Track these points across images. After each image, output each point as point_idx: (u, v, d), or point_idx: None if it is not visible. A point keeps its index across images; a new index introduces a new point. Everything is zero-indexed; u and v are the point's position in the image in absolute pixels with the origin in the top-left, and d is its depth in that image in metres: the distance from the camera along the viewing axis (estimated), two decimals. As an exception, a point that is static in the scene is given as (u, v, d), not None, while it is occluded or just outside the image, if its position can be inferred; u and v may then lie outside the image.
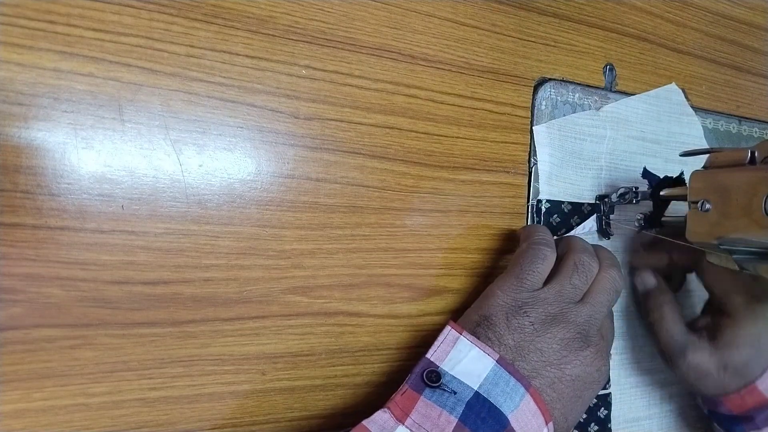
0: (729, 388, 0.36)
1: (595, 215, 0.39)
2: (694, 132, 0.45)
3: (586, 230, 0.38)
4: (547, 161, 0.38)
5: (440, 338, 0.30)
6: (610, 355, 0.34)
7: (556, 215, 0.38)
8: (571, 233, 0.38)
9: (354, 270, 0.32)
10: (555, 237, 0.37)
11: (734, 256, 0.30)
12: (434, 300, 0.35)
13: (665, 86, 0.44)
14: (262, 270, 0.30)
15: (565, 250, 0.34)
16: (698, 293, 0.44)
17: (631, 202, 0.37)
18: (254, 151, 0.30)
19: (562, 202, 0.38)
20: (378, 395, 0.34)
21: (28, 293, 0.25)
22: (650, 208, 0.37)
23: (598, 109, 0.40)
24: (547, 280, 0.33)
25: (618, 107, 0.41)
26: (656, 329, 0.38)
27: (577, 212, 0.39)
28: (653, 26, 0.44)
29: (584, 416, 0.39)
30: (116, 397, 0.27)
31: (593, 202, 0.39)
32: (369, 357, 0.33)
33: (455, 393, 0.28)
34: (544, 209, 0.37)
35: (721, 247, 0.30)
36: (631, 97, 0.42)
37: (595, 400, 0.39)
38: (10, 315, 0.25)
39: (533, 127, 0.38)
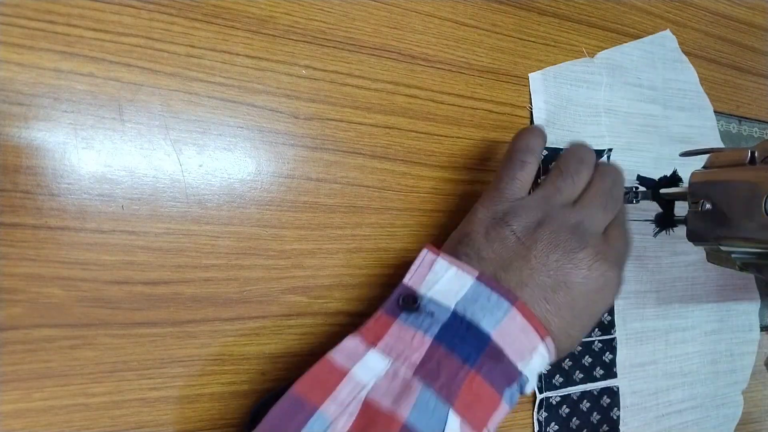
0: None
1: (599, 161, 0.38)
2: (689, 78, 0.45)
3: None
4: (543, 108, 0.37)
5: (417, 262, 0.28)
6: (622, 267, 0.30)
7: (553, 163, 0.38)
8: None
9: (354, 270, 0.32)
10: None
11: (734, 256, 0.30)
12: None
13: (659, 33, 0.44)
14: (262, 270, 0.30)
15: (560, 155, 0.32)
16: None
17: (630, 202, 0.37)
18: (254, 151, 0.30)
19: (561, 150, 0.37)
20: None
21: (29, 293, 0.25)
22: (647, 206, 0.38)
23: (592, 56, 0.40)
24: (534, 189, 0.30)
25: (613, 54, 0.41)
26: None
27: None
28: (653, 26, 0.44)
29: (590, 360, 0.39)
30: (116, 397, 0.27)
31: (596, 149, 0.38)
32: (369, 357, 0.33)
33: (432, 314, 0.26)
34: (542, 157, 0.37)
35: (721, 247, 0.30)
36: (626, 44, 0.42)
37: (600, 345, 0.39)
38: (10, 315, 0.25)
39: (529, 74, 0.37)
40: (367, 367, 0.25)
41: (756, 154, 0.29)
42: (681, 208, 0.35)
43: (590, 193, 0.30)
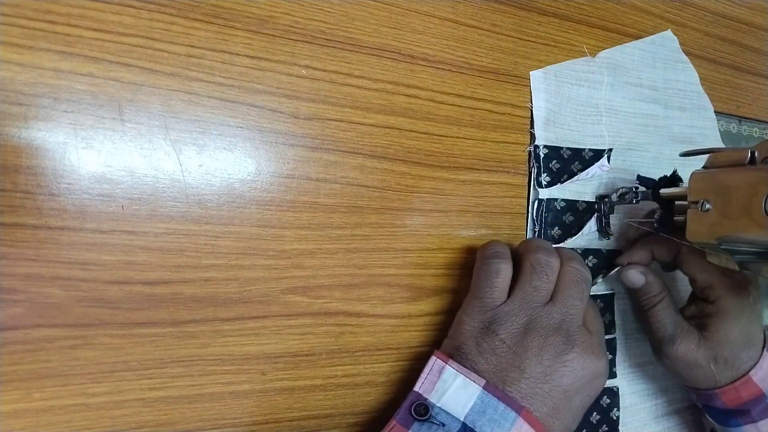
0: (722, 380, 0.35)
1: (598, 162, 0.39)
2: (690, 79, 0.45)
3: (590, 176, 0.38)
4: (543, 107, 0.38)
5: (426, 369, 0.30)
6: (604, 345, 0.32)
7: (555, 161, 0.38)
8: (575, 179, 0.38)
9: (354, 270, 0.32)
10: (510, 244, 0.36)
11: (734, 256, 0.30)
12: (434, 300, 0.35)
13: (660, 33, 0.44)
14: (262, 270, 0.30)
15: (521, 253, 0.33)
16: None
17: (631, 202, 0.37)
18: (254, 151, 0.30)
19: (561, 148, 0.38)
20: (378, 395, 0.34)
21: (28, 293, 0.25)
22: (648, 206, 0.38)
23: (593, 56, 0.40)
24: (510, 292, 0.31)
25: (614, 53, 0.41)
26: (648, 320, 0.37)
27: (578, 158, 0.39)
28: (653, 26, 0.44)
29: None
30: (116, 397, 0.27)
31: (595, 148, 0.39)
32: (369, 357, 0.33)
33: (443, 425, 0.28)
34: (542, 155, 0.37)
35: (721, 247, 0.30)
36: (627, 43, 0.42)
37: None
38: (10, 315, 0.25)
39: (530, 72, 0.37)
40: None
41: (756, 154, 0.29)
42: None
43: (565, 287, 0.31)
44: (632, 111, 0.41)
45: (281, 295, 0.30)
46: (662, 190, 0.35)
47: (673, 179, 0.36)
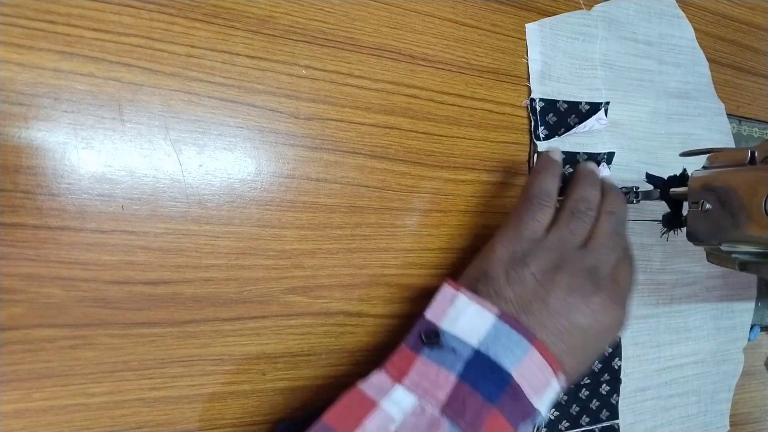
0: None
1: (595, 115, 0.38)
2: (685, 34, 0.45)
3: (587, 129, 0.38)
4: (539, 60, 0.38)
5: (437, 296, 0.29)
6: (628, 301, 0.32)
7: (551, 114, 0.38)
8: (572, 132, 0.38)
9: (354, 270, 0.32)
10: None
11: (734, 256, 0.30)
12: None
13: None
14: (262, 270, 0.30)
15: (568, 187, 0.33)
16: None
17: (631, 202, 0.37)
18: (254, 151, 0.30)
19: (557, 101, 0.38)
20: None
21: (29, 293, 0.25)
22: (647, 205, 0.37)
23: (589, 9, 0.40)
24: (548, 228, 0.31)
25: (609, 7, 0.41)
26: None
27: (575, 111, 0.39)
28: (653, 26, 0.44)
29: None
30: (116, 397, 0.27)
31: (591, 101, 0.39)
32: (369, 357, 0.33)
33: (455, 351, 0.27)
34: (538, 108, 0.37)
35: (722, 247, 0.30)
36: None
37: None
38: (10, 315, 0.25)
39: (526, 25, 0.38)
40: (395, 402, 0.26)
41: (756, 154, 0.29)
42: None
43: (600, 236, 0.31)
44: (627, 65, 0.41)
45: (281, 295, 0.30)
46: (672, 190, 0.35)
47: (683, 178, 0.35)
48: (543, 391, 0.27)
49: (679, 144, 0.44)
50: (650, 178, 0.37)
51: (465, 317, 0.28)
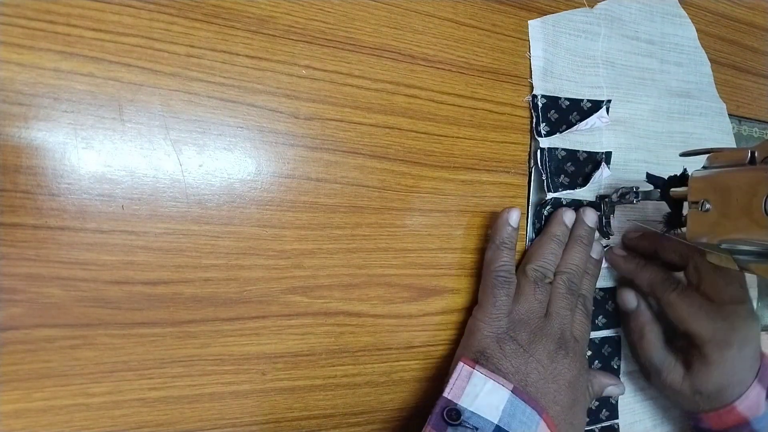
0: (706, 408, 0.37)
1: (597, 113, 0.39)
2: (687, 34, 0.45)
3: (588, 126, 0.38)
4: (541, 56, 0.38)
5: (454, 375, 0.31)
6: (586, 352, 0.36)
7: (553, 111, 0.38)
8: (573, 129, 0.38)
9: (354, 270, 0.32)
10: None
11: (734, 256, 0.30)
12: (434, 300, 0.35)
13: None
14: (262, 270, 0.30)
15: (523, 262, 0.36)
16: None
17: (631, 202, 0.37)
18: (254, 151, 0.30)
19: (559, 98, 0.38)
20: (378, 395, 0.34)
21: (28, 293, 0.25)
22: (645, 205, 0.37)
23: (591, 6, 0.40)
24: (516, 297, 0.34)
25: (611, 5, 0.41)
26: (636, 349, 0.39)
27: (576, 109, 0.39)
28: (653, 26, 0.44)
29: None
30: (116, 397, 0.27)
31: (593, 99, 0.39)
32: (369, 357, 0.33)
33: (477, 429, 0.29)
34: (540, 105, 0.38)
35: (722, 247, 0.30)
36: None
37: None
38: (10, 315, 0.25)
39: (528, 21, 0.38)
40: None
41: (756, 154, 0.29)
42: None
43: (555, 300, 0.34)
44: (629, 64, 0.42)
45: (281, 295, 0.30)
46: (672, 190, 0.35)
47: (683, 178, 0.35)
48: None
49: (681, 143, 0.44)
50: (650, 178, 0.36)
51: (483, 394, 0.30)
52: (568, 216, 0.37)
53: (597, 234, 0.39)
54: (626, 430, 0.41)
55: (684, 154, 0.35)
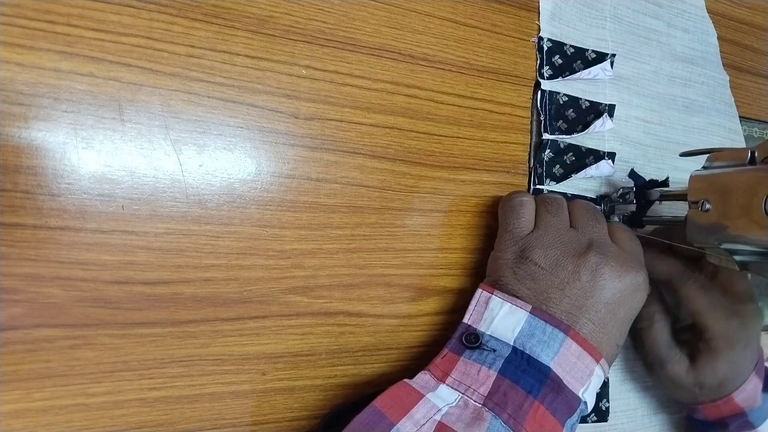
0: (704, 399, 0.37)
1: (601, 64, 0.39)
2: (695, 2, 0.45)
3: (591, 76, 0.39)
4: (550, 1, 0.38)
5: (473, 302, 0.31)
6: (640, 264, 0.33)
7: (558, 56, 0.38)
8: (576, 76, 0.38)
9: (354, 270, 0.32)
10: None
11: (734, 257, 0.30)
12: (434, 300, 0.35)
13: None
14: (262, 270, 0.30)
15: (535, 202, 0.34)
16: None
17: (631, 202, 0.37)
18: (254, 151, 0.30)
19: (565, 44, 0.39)
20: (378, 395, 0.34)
21: (29, 293, 0.25)
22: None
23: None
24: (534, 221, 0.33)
25: None
26: (642, 336, 0.38)
27: (581, 57, 0.39)
28: (653, 26, 0.44)
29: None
30: (116, 397, 0.27)
31: (598, 50, 0.39)
32: (369, 357, 0.33)
33: (494, 351, 0.28)
34: (545, 47, 0.38)
35: (722, 247, 0.30)
36: None
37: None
38: (10, 315, 0.25)
39: None
40: (439, 397, 0.27)
41: (756, 154, 0.29)
42: (682, 208, 0.35)
43: (579, 216, 0.33)
44: (635, 22, 0.42)
45: (281, 295, 0.30)
46: (665, 189, 0.35)
47: (662, 184, 0.36)
48: (586, 380, 0.28)
49: (683, 107, 0.44)
50: (633, 175, 0.37)
51: (500, 317, 0.29)
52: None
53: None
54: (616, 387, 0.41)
55: (684, 155, 0.35)
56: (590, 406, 0.29)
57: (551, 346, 0.28)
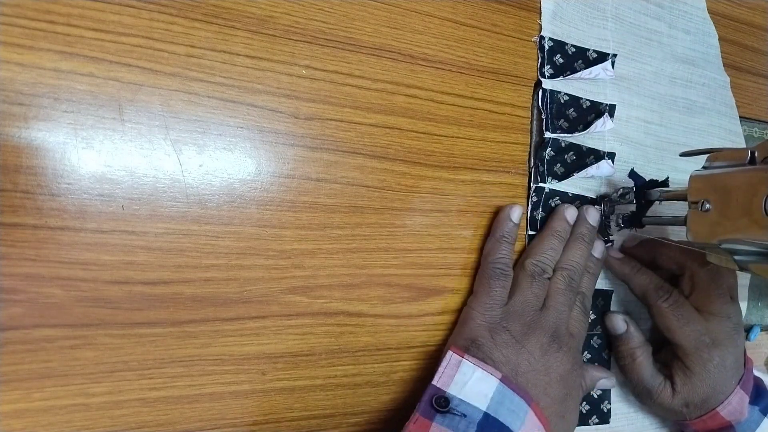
0: (692, 417, 0.38)
1: (602, 64, 0.39)
2: (697, 3, 0.45)
3: (592, 76, 0.39)
4: (552, 0, 0.39)
5: (443, 363, 0.31)
6: (581, 351, 0.36)
7: (559, 55, 0.38)
8: (577, 76, 0.38)
9: (354, 270, 0.32)
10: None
11: (734, 257, 0.30)
12: (434, 300, 0.35)
13: None
14: (262, 270, 0.30)
15: (523, 257, 0.36)
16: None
17: (631, 202, 0.37)
18: (254, 151, 0.30)
19: (566, 44, 0.39)
20: (378, 395, 0.34)
21: (29, 293, 0.25)
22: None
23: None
24: (512, 290, 0.34)
25: None
26: (626, 372, 0.39)
27: (582, 57, 0.39)
28: (653, 26, 0.44)
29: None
30: (116, 397, 0.27)
31: (599, 50, 0.40)
32: (369, 357, 0.33)
33: (465, 416, 0.29)
34: (546, 47, 0.38)
35: (722, 247, 0.30)
36: None
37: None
38: (10, 315, 0.25)
39: None
40: None
41: (756, 154, 0.29)
42: (681, 208, 0.35)
43: (554, 295, 0.34)
44: (637, 23, 0.42)
45: (281, 295, 0.30)
46: (664, 188, 0.35)
47: (662, 183, 0.36)
48: None
49: (684, 108, 0.44)
50: (633, 175, 0.37)
51: (471, 382, 0.30)
52: (570, 212, 0.37)
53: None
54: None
55: (684, 155, 0.35)
56: None
57: (519, 416, 0.29)
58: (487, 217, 0.36)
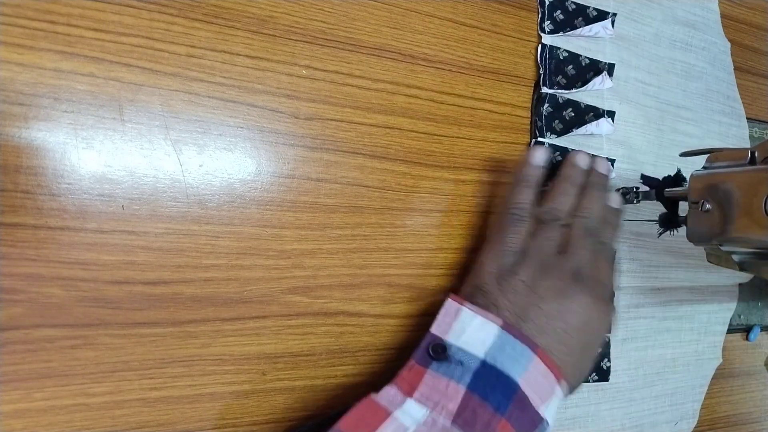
0: None
1: (602, 22, 0.39)
2: None
3: (592, 33, 0.39)
4: None
5: (442, 312, 0.30)
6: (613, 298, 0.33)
7: (559, 11, 0.38)
8: (577, 33, 0.38)
9: (354, 270, 0.32)
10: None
11: (734, 256, 0.30)
12: (434, 300, 0.35)
13: None
14: (263, 270, 0.30)
15: (542, 199, 0.34)
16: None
17: (632, 202, 0.37)
18: (254, 151, 0.30)
19: (567, 0, 0.39)
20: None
21: (29, 293, 0.25)
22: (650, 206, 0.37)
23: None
24: (529, 236, 0.32)
25: None
26: None
27: (582, 14, 0.39)
28: (653, 26, 0.44)
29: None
30: (117, 397, 0.27)
31: (600, 8, 0.39)
32: (369, 357, 0.33)
33: (462, 363, 0.28)
34: (547, 2, 0.38)
35: (722, 247, 0.30)
36: None
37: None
38: (10, 315, 0.25)
39: None
40: (407, 414, 0.27)
41: (756, 154, 0.29)
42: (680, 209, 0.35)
43: (573, 240, 0.32)
44: None
45: (281, 295, 0.30)
46: (666, 190, 0.35)
47: (677, 179, 0.35)
48: (548, 399, 0.28)
49: (682, 71, 0.44)
50: (645, 179, 0.37)
51: (470, 330, 0.28)
52: (582, 158, 0.35)
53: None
54: (617, 345, 0.40)
55: (684, 155, 0.35)
56: (551, 424, 0.29)
57: (520, 363, 0.28)
58: (486, 217, 0.36)
